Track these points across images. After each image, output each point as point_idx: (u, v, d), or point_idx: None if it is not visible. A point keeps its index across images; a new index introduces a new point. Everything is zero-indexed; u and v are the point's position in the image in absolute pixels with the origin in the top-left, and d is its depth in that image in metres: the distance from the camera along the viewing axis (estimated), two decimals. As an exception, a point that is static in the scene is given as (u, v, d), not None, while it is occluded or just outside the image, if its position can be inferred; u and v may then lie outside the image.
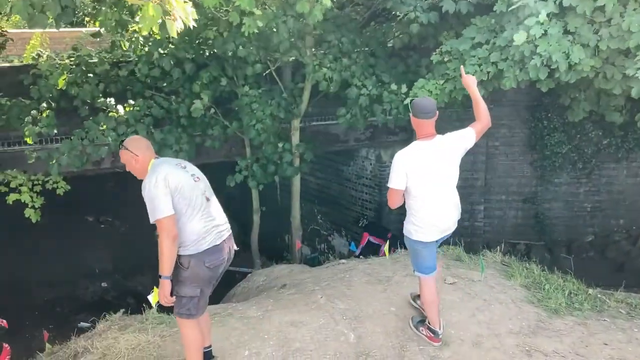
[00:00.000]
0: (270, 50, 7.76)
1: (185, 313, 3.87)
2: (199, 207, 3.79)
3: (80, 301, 11.03)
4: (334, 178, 11.35)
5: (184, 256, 3.78)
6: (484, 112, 4.35)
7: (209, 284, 3.94)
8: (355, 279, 5.81)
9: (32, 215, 7.23)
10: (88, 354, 4.65)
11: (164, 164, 3.81)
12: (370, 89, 7.77)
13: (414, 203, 4.25)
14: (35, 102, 7.61)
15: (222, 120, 8.28)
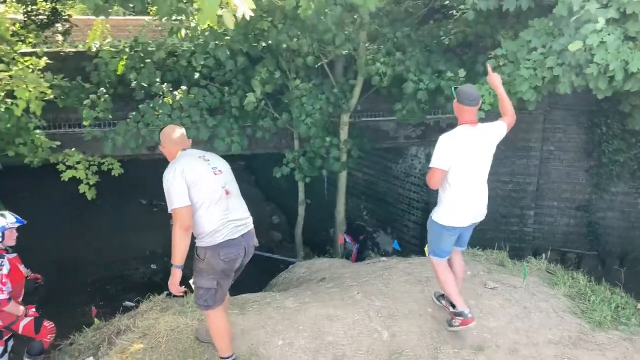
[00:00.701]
0: (324, 43, 7.78)
1: (202, 304, 3.98)
2: (217, 200, 3.84)
3: (129, 281, 11.44)
4: (381, 175, 11.31)
5: (200, 247, 3.86)
6: (510, 109, 4.50)
7: (226, 277, 3.97)
8: (394, 277, 5.80)
9: (87, 192, 7.51)
10: (129, 332, 4.83)
11: (185, 157, 3.91)
12: (428, 83, 7.69)
13: (451, 186, 4.32)
14: (95, 86, 7.91)
15: (272, 112, 8.39)
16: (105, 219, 12.76)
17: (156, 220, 13.33)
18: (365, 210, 11.83)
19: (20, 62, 7.13)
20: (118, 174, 8.00)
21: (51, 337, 5.43)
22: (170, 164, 3.88)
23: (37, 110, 6.50)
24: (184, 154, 3.97)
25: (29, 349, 5.45)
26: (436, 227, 4.48)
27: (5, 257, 5.08)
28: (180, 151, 3.99)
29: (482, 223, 4.68)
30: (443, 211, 4.42)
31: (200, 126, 8.05)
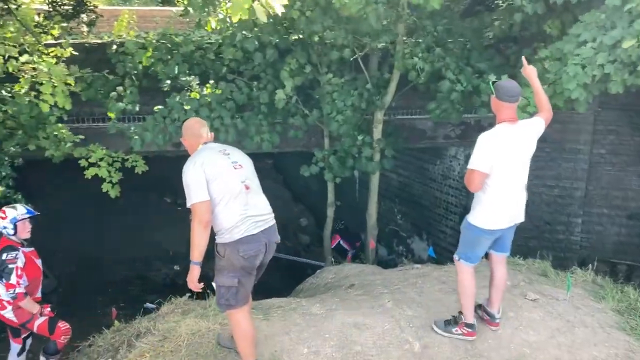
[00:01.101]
0: (360, 35, 7.77)
1: (224, 303, 4.02)
2: (236, 195, 3.90)
3: (151, 282, 11.65)
4: (417, 177, 11.25)
5: (219, 244, 3.93)
6: (547, 104, 4.53)
7: (247, 275, 4.01)
8: (427, 285, 5.79)
9: (110, 190, 7.68)
10: (149, 334, 4.92)
11: (206, 151, 4.00)
12: (465, 85, 7.64)
13: (491, 188, 4.31)
14: (120, 78, 8.06)
15: (302, 109, 8.42)
16: (128, 217, 13.01)
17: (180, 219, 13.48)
18: (399, 214, 11.79)
19: (44, 54, 7.33)
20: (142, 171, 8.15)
21: (65, 339, 5.58)
22: (190, 158, 3.97)
23: (66, 105, 6.69)
24: (205, 148, 4.06)
25: (46, 348, 5.63)
26: (474, 230, 4.46)
27: (20, 250, 5.24)
28: (201, 145, 4.08)
29: (524, 230, 4.65)
30: (482, 213, 4.40)
31: (230, 129, 8.16)
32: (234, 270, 3.92)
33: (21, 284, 5.18)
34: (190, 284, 3.94)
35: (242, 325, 4.06)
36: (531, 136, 4.37)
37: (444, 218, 10.67)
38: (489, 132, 4.29)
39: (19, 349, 5.69)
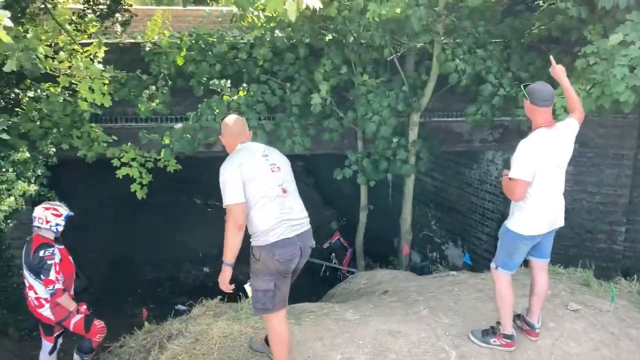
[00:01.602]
0: (398, 35, 7.74)
1: (260, 307, 4.04)
2: (273, 198, 3.92)
3: (181, 283, 11.79)
4: (453, 181, 11.15)
5: (255, 247, 3.96)
6: (578, 104, 4.54)
7: (283, 278, 4.02)
8: (464, 293, 5.75)
9: (138, 191, 7.79)
10: (181, 337, 4.99)
11: (244, 151, 4.03)
12: (508, 90, 7.56)
13: (532, 194, 4.29)
14: (153, 78, 8.17)
15: (336, 111, 8.42)
16: (158, 217, 13.19)
17: (210, 220, 13.68)
18: (433, 220, 11.70)
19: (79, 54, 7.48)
20: (174, 170, 8.23)
21: (100, 337, 5.68)
22: (228, 158, 4.01)
23: (105, 103, 6.81)
24: (243, 148, 4.09)
25: (80, 346, 5.73)
26: (513, 237, 4.42)
27: (55, 247, 5.36)
28: (240, 144, 4.11)
29: (563, 238, 4.60)
30: (521, 219, 4.37)
31: (257, 131, 8.20)
32: (270, 274, 3.94)
33: (59, 280, 5.29)
34: (222, 285, 4.00)
35: (278, 330, 4.08)
36: (569, 139, 4.37)
37: (480, 224, 10.55)
38: (528, 139, 4.27)
39: (51, 348, 5.81)
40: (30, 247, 5.31)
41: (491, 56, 7.80)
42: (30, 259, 5.24)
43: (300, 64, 8.41)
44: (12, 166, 6.59)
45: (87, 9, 8.53)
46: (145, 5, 14.05)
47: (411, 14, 6.96)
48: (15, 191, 6.48)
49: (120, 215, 13.01)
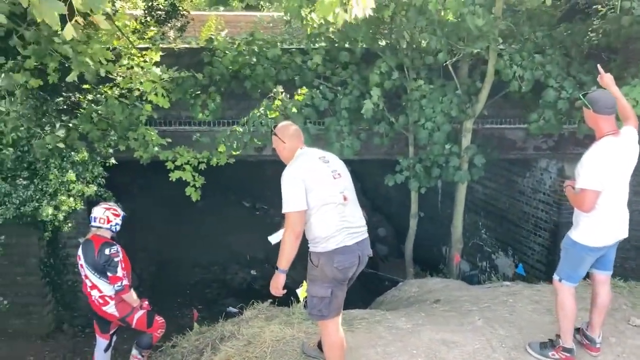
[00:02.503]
0: (453, 40, 7.64)
1: (316, 314, 4.02)
2: (334, 205, 3.89)
3: (228, 286, 11.90)
4: (504, 189, 10.94)
5: (314, 253, 3.93)
6: (631, 111, 4.46)
7: (340, 285, 3.99)
8: (519, 304, 5.62)
9: (193, 194, 7.90)
10: (234, 339, 5.02)
11: (305, 156, 4.03)
12: (571, 92, 7.35)
13: (600, 205, 4.19)
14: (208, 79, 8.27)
15: (388, 116, 8.37)
16: (207, 219, 13.37)
17: (258, 224, 13.79)
18: (483, 228, 11.50)
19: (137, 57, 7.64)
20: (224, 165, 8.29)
21: (161, 332, 5.77)
22: (290, 164, 4.01)
23: (165, 105, 6.95)
24: (303, 154, 4.09)
25: (139, 341, 5.81)
26: (579, 248, 4.31)
27: (117, 245, 5.48)
28: (298, 149, 4.11)
29: (623, 251, 4.46)
30: (589, 231, 4.26)
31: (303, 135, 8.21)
32: (328, 281, 3.92)
33: (125, 276, 5.40)
34: (274, 290, 3.98)
35: (333, 337, 4.05)
36: (634, 147, 4.28)
37: (532, 234, 10.31)
38: (596, 148, 4.18)
39: (106, 345, 5.93)
40: (91, 247, 5.42)
41: (551, 61, 7.61)
42: (95, 258, 5.34)
43: (353, 68, 8.39)
44: (72, 167, 6.77)
45: (147, 15, 8.72)
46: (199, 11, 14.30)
47: (466, 12, 6.81)
48: (74, 191, 6.67)
49: (169, 216, 13.25)
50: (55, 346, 8.91)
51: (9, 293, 8.61)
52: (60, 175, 6.61)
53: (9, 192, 6.66)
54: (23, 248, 8.89)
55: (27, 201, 6.65)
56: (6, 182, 6.71)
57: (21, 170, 6.86)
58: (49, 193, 6.65)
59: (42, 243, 8.94)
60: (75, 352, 8.70)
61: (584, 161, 4.15)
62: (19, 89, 5.92)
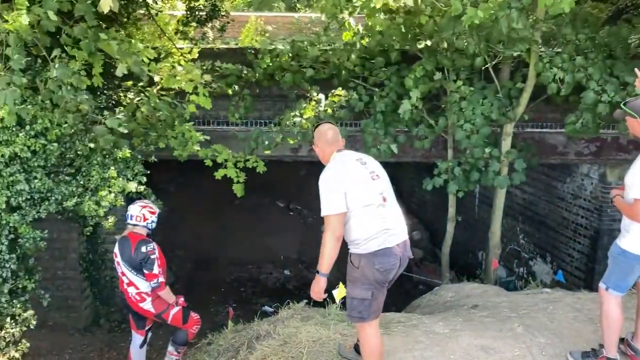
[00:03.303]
0: (493, 43, 7.53)
1: (356, 316, 3.98)
2: (374, 207, 3.86)
3: (262, 285, 11.96)
4: (543, 194, 10.74)
5: (354, 254, 3.90)
6: None
7: (381, 288, 3.96)
8: (559, 312, 5.50)
9: (239, 190, 7.94)
10: (270, 338, 5.02)
11: (343, 158, 4.02)
12: (613, 95, 7.17)
13: None
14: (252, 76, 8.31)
15: (427, 118, 8.29)
16: (242, 219, 13.48)
17: (292, 224, 13.85)
18: (521, 234, 11.31)
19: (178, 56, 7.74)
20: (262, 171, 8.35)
21: (196, 329, 5.81)
22: (327, 167, 4.00)
23: (207, 105, 7.01)
24: (340, 156, 4.07)
25: (175, 337, 5.86)
26: (630, 257, 4.17)
27: (154, 242, 5.54)
28: (335, 152, 4.09)
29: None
30: (634, 240, 4.13)
31: None
32: (369, 283, 3.88)
33: (161, 273, 5.45)
34: (314, 294, 3.95)
35: (371, 340, 4.02)
36: None
37: (571, 240, 10.10)
38: None
39: (142, 341, 6.00)
40: (128, 244, 5.49)
41: (593, 64, 7.42)
42: (132, 255, 5.41)
43: (392, 70, 8.34)
44: (114, 164, 6.87)
45: (189, 15, 8.83)
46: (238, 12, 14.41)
47: (501, 15, 6.70)
48: (115, 188, 6.76)
49: (205, 215, 13.39)
50: (92, 340, 9.08)
51: (50, 287, 8.78)
52: (102, 172, 6.70)
53: (51, 188, 6.78)
54: (64, 243, 9.08)
55: (69, 197, 6.77)
56: (49, 177, 6.84)
57: (64, 166, 6.99)
58: (90, 189, 6.75)
59: (82, 238, 9.11)
60: (112, 347, 8.84)
61: (636, 171, 4.02)
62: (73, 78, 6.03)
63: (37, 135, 6.58)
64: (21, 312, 6.83)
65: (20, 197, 6.63)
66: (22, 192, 6.62)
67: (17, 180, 6.56)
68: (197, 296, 10.54)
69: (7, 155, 6.38)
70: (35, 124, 6.40)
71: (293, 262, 12.81)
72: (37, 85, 6.18)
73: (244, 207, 13.55)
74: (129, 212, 5.65)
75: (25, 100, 6.16)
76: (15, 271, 6.79)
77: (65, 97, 5.89)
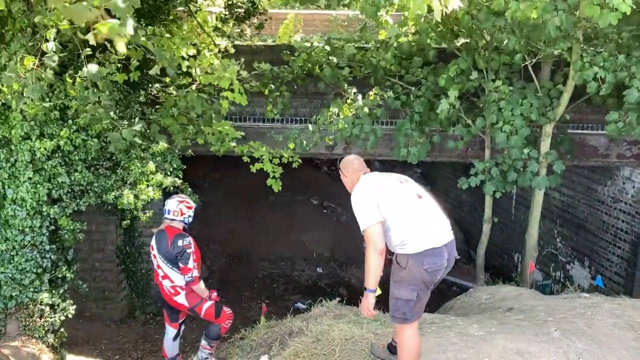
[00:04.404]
0: (534, 40, 7.38)
1: (399, 317, 3.95)
2: (412, 207, 3.89)
3: (295, 281, 11.98)
4: (582, 197, 10.51)
5: (401, 255, 3.87)
6: None
7: (426, 289, 3.93)
8: (598, 318, 5.36)
9: (274, 185, 7.99)
10: (303, 335, 5.03)
11: (369, 176, 4.13)
12: None
13: None
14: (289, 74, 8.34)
15: (464, 118, 8.18)
16: (276, 215, 13.52)
17: (325, 221, 13.84)
18: (559, 237, 11.09)
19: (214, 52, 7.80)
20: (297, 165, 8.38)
21: (229, 323, 5.83)
22: (357, 186, 4.07)
23: (242, 102, 7.07)
24: (367, 176, 4.16)
25: (208, 332, 5.89)
26: None
27: (190, 237, 5.58)
28: (361, 175, 4.18)
29: None
30: None
31: (370, 136, 8.16)
32: (415, 283, 3.86)
33: (196, 267, 5.49)
34: (364, 310, 3.96)
35: (410, 341, 3.99)
36: None
37: (611, 245, 9.85)
38: None
39: (175, 334, 6.05)
40: (164, 237, 5.54)
41: (637, 62, 7.20)
42: (169, 249, 5.46)
43: (428, 69, 8.26)
44: (152, 158, 6.97)
45: (227, 12, 8.90)
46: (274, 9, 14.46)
47: (548, 18, 6.58)
48: (153, 182, 6.86)
49: (239, 211, 13.48)
50: (127, 331, 9.24)
51: (88, 278, 8.98)
52: (141, 166, 6.81)
53: (91, 181, 6.93)
54: (102, 235, 9.26)
55: (108, 190, 6.90)
56: (90, 171, 6.98)
57: (104, 160, 7.13)
58: (129, 182, 6.87)
59: (120, 231, 9.28)
60: (146, 339, 8.98)
61: None
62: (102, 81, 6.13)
63: (79, 129, 6.73)
64: (60, 301, 7.01)
65: (61, 190, 6.80)
66: (63, 185, 6.79)
67: (58, 172, 6.73)
68: (230, 291, 10.64)
69: (49, 148, 6.54)
70: (77, 119, 6.55)
71: (326, 259, 12.80)
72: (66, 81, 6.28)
73: (278, 204, 13.61)
74: (167, 207, 5.70)
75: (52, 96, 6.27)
76: (55, 261, 6.96)
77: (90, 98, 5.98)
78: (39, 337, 6.84)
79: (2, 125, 6.45)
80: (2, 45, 6.23)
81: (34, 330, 6.81)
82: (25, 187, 6.56)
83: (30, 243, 6.74)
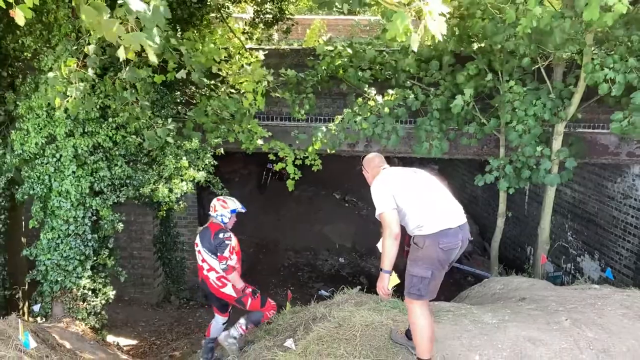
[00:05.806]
0: (543, 44, 7.27)
1: (415, 293, 3.98)
2: (426, 193, 4.03)
3: (318, 270, 12.00)
4: (593, 193, 10.32)
5: (418, 236, 3.95)
6: None
7: (441, 268, 3.98)
8: (608, 308, 5.25)
9: (290, 186, 8.06)
10: (325, 320, 5.02)
11: (388, 170, 4.28)
12: None
13: None
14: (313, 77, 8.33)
15: (479, 117, 8.09)
16: (300, 208, 13.56)
17: (347, 215, 13.82)
18: (570, 231, 10.91)
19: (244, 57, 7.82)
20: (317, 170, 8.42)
21: (272, 314, 5.70)
22: (376, 178, 4.21)
23: (260, 105, 7.12)
24: (386, 170, 4.30)
25: (251, 315, 5.71)
26: None
27: (231, 234, 5.54)
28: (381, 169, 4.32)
29: None
30: None
31: (391, 135, 8.11)
32: (430, 262, 3.92)
33: (232, 258, 5.42)
34: (380, 290, 4.03)
35: (421, 320, 3.99)
36: None
37: (620, 239, 9.66)
38: None
39: (225, 320, 5.95)
40: (208, 233, 5.51)
41: (644, 65, 7.04)
42: (211, 240, 5.43)
43: (446, 71, 8.18)
44: (185, 154, 7.02)
45: (257, 17, 8.92)
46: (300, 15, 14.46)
47: (556, 26, 6.49)
48: (186, 176, 6.91)
49: (266, 204, 13.53)
50: (162, 315, 9.35)
51: (127, 265, 9.10)
52: (175, 162, 6.86)
53: (130, 175, 7.00)
54: (140, 226, 9.38)
55: (145, 183, 6.97)
56: (129, 166, 7.06)
57: (142, 155, 7.20)
58: (164, 177, 6.93)
59: (156, 222, 9.37)
60: (180, 322, 9.07)
61: None
62: (140, 82, 6.18)
63: (118, 127, 6.80)
64: (101, 286, 7.11)
65: (102, 183, 6.88)
66: (104, 178, 6.88)
67: (100, 167, 6.81)
68: (258, 279, 10.68)
69: (91, 145, 6.63)
70: (116, 117, 6.62)
71: (347, 250, 12.80)
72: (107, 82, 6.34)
73: (302, 198, 13.64)
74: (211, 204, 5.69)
75: (94, 95, 6.33)
76: (97, 249, 7.06)
77: (128, 98, 6.04)
78: (82, 319, 6.94)
79: (48, 123, 6.55)
80: (49, 49, 6.32)
81: (77, 313, 6.92)
82: (70, 180, 6.65)
83: (74, 232, 6.84)
